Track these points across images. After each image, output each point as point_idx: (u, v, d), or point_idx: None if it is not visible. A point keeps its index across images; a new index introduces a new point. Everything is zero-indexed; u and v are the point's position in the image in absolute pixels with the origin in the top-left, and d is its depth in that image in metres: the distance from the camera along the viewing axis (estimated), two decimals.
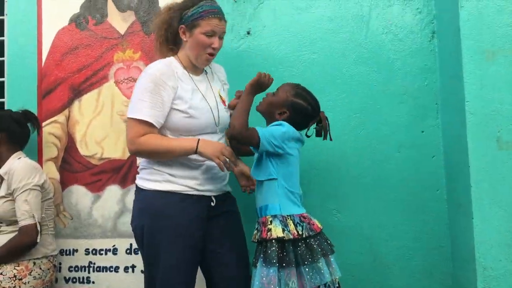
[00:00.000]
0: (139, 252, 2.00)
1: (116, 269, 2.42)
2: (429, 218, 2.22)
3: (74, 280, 2.44)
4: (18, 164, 2.25)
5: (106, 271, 2.42)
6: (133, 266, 2.40)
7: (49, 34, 2.54)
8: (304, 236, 1.79)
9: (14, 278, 2.14)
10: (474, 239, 1.83)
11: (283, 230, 1.78)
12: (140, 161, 2.04)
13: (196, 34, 1.93)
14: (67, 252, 2.46)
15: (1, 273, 2.14)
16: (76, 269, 2.45)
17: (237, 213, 2.07)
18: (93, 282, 2.43)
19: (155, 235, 1.87)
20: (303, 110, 1.92)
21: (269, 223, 1.82)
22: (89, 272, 2.44)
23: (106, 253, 2.43)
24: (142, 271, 2.15)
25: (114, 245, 2.43)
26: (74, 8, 2.53)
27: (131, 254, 2.40)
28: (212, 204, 1.95)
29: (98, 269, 2.43)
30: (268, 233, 1.79)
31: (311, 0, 2.35)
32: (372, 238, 2.24)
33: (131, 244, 2.39)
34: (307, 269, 1.76)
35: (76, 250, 2.46)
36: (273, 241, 1.77)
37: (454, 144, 2.09)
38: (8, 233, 2.22)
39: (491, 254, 1.81)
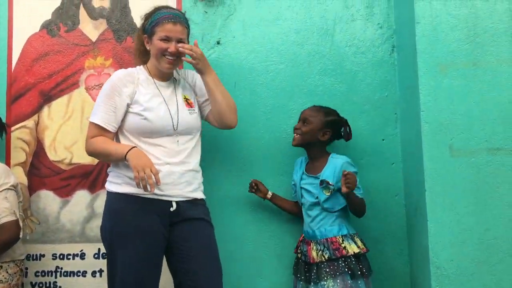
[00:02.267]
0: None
1: (84, 273, 2.42)
2: (389, 221, 2.33)
3: (41, 285, 2.43)
4: None
5: (74, 275, 2.42)
6: (100, 271, 2.41)
7: (19, 40, 2.54)
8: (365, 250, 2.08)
9: None
10: (428, 240, 1.94)
11: (356, 246, 2.04)
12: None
13: (154, 41, 2.01)
14: (34, 257, 2.45)
15: None
16: (43, 274, 2.44)
17: (206, 222, 2.05)
18: (60, 287, 2.43)
19: (114, 237, 1.94)
20: (339, 123, 2.21)
21: (341, 241, 2.05)
22: (56, 277, 2.43)
23: (73, 258, 2.43)
24: None
25: (81, 250, 2.43)
26: (46, 15, 2.55)
27: (99, 258, 2.41)
28: (171, 209, 1.96)
29: (65, 274, 2.43)
30: (344, 250, 2.02)
31: (278, 13, 2.45)
32: None
33: (99, 249, 2.41)
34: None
35: (43, 255, 2.45)
36: (352, 257, 2.01)
37: (411, 151, 2.20)
38: None
39: (444, 254, 1.92)
